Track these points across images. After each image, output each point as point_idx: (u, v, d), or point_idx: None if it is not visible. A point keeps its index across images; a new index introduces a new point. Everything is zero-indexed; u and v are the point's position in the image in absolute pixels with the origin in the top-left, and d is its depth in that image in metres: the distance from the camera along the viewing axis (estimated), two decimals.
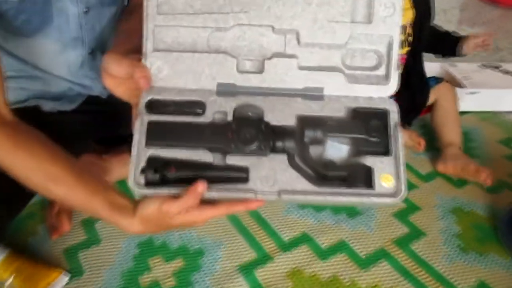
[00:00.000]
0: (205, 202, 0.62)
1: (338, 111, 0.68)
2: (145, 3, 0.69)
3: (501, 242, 1.01)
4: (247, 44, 0.70)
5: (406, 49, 1.21)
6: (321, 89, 0.69)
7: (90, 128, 1.00)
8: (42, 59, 0.87)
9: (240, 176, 0.64)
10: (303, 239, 0.99)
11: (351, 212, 1.07)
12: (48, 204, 1.00)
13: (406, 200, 1.11)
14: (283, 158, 0.65)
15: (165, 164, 0.63)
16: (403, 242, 1.00)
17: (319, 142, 0.66)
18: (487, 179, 1.12)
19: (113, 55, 0.70)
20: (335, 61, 0.70)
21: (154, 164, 0.64)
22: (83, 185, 0.66)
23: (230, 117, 0.67)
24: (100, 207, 0.65)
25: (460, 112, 1.37)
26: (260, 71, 0.69)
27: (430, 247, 1.00)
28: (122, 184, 1.09)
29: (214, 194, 0.62)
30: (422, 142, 1.24)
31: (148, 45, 0.69)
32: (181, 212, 0.62)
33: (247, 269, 0.92)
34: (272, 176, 0.64)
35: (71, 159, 0.69)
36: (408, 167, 1.22)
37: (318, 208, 1.07)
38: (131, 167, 0.63)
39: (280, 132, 0.66)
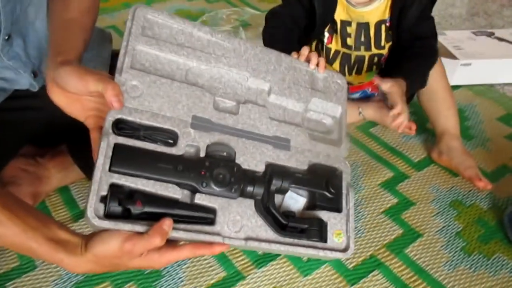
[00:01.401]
0: (166, 243, 0.57)
1: (302, 164, 0.72)
2: (129, 21, 0.67)
3: (509, 240, 0.88)
4: (223, 87, 0.72)
5: (389, 44, 1.04)
6: (288, 140, 0.73)
7: (19, 129, 0.82)
8: None
9: (207, 216, 0.62)
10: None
11: None
12: None
13: (397, 194, 0.97)
14: (251, 203, 0.66)
15: (130, 195, 0.58)
16: (397, 247, 0.86)
17: (283, 191, 0.69)
18: (484, 188, 0.97)
19: (70, 67, 0.60)
20: (298, 120, 0.77)
21: (117, 194, 0.57)
22: (14, 219, 0.56)
23: (202, 153, 0.65)
24: (37, 245, 0.56)
25: (452, 86, 1.22)
26: (235, 113, 0.71)
27: (428, 251, 0.86)
28: (63, 193, 0.92)
29: (180, 234, 0.58)
30: (413, 126, 1.07)
31: (126, 61, 0.64)
32: (143, 254, 0.56)
33: None
34: (239, 221, 0.64)
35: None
36: (398, 153, 1.08)
37: None
38: (91, 194, 0.56)
39: (250, 178, 0.67)
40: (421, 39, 1.00)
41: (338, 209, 0.70)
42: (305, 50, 0.79)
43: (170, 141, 0.64)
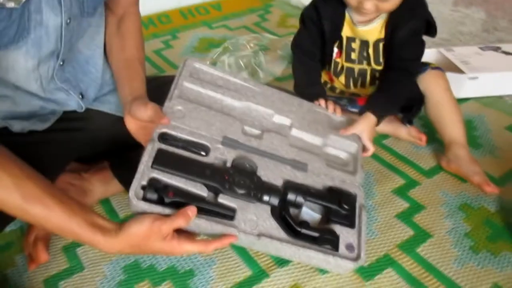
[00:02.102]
0: (186, 235, 0.70)
1: (317, 184, 0.82)
2: (180, 67, 0.88)
3: None
4: (251, 119, 0.87)
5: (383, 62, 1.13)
6: (305, 165, 0.84)
7: (66, 148, 0.93)
8: (12, 75, 0.79)
9: (227, 214, 0.72)
10: None
11: None
12: (26, 231, 0.93)
13: (409, 199, 1.04)
14: (267, 208, 0.75)
15: (164, 187, 0.71)
16: (408, 247, 0.93)
17: (298, 205, 0.78)
18: (491, 192, 1.03)
19: (138, 101, 0.80)
20: (317, 151, 0.89)
21: (155, 184, 0.71)
22: (61, 205, 0.66)
23: (229, 164, 0.78)
24: (79, 227, 0.66)
25: (461, 99, 1.30)
26: (260, 138, 0.85)
27: (438, 250, 0.92)
28: (105, 204, 1.03)
29: (202, 222, 0.69)
30: (424, 138, 1.15)
31: (175, 92, 0.83)
32: (168, 235, 0.67)
33: None
34: (255, 221, 0.73)
35: (47, 179, 0.69)
36: (410, 162, 1.15)
37: None
38: (134, 181, 0.70)
39: (268, 188, 0.77)
40: (400, 60, 1.05)
41: (351, 225, 0.78)
42: (322, 102, 1.00)
43: (203, 153, 0.78)
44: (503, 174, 1.11)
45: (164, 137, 0.77)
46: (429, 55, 1.41)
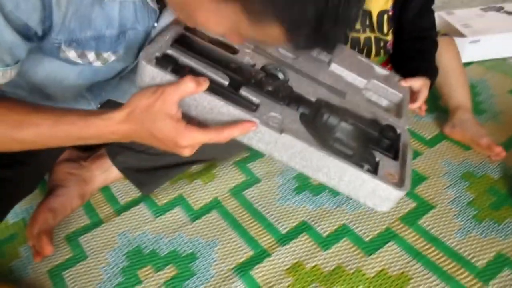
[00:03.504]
0: (194, 125, 0.57)
1: (356, 112, 0.68)
2: None
3: None
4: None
5: (391, 30, 1.08)
6: (344, 93, 0.71)
7: None
8: (53, 87, 0.76)
9: (248, 106, 0.59)
10: (302, 228, 0.92)
11: None
12: (28, 223, 0.94)
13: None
14: (295, 113, 0.62)
15: (180, 65, 0.59)
16: (410, 219, 0.92)
17: (330, 127, 0.64)
18: (498, 155, 1.01)
19: None
20: (359, 86, 0.77)
21: (170, 59, 0.60)
22: (46, 114, 0.59)
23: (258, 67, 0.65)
24: (72, 124, 0.59)
25: (463, 64, 1.26)
26: (295, 58, 0.72)
27: (441, 221, 0.91)
28: (105, 191, 1.03)
29: (217, 103, 0.56)
30: (424, 107, 1.13)
31: None
32: (174, 110, 0.56)
33: (243, 269, 0.85)
34: (280, 119, 0.59)
35: (28, 103, 0.63)
36: (410, 132, 1.12)
37: (316, 192, 0.99)
38: (147, 47, 0.60)
39: (299, 98, 0.64)
40: (422, 31, 1.04)
41: (394, 157, 0.65)
42: None
43: (231, 51, 0.67)
44: (507, 139, 1.08)
45: (190, 29, 0.66)
46: None
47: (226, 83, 0.60)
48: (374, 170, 0.61)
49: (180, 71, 0.59)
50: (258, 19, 0.52)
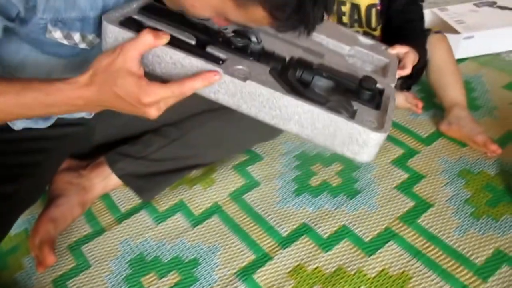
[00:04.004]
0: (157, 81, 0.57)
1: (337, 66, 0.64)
2: None
3: None
4: None
5: (379, 26, 1.09)
6: (322, 55, 0.66)
7: (63, 143, 0.93)
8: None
9: (214, 60, 0.58)
10: (303, 230, 0.93)
11: (350, 192, 0.99)
12: (30, 234, 0.94)
13: (408, 169, 1.04)
14: (265, 67, 0.60)
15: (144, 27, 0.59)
16: (409, 218, 0.93)
17: (305, 83, 0.60)
18: (494, 152, 1.02)
19: None
20: (341, 52, 0.72)
21: (134, 22, 0.60)
22: (16, 80, 0.60)
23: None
24: (42, 84, 0.59)
25: (457, 60, 1.26)
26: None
27: (439, 219, 0.92)
28: (105, 199, 1.03)
29: (178, 55, 0.55)
30: (420, 104, 1.14)
31: None
32: (136, 67, 0.55)
33: (246, 274, 0.86)
34: (246, 71, 0.57)
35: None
36: (407, 130, 1.14)
37: (316, 193, 1.00)
38: (112, 11, 0.59)
39: (270, 55, 0.61)
40: (410, 22, 1.05)
41: (376, 106, 0.62)
42: None
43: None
44: (502, 135, 1.10)
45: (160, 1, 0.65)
46: None
47: (193, 42, 0.59)
48: (348, 114, 0.58)
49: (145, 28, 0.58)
50: (243, 2, 0.55)
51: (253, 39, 0.64)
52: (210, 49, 0.59)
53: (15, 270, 0.91)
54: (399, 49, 0.88)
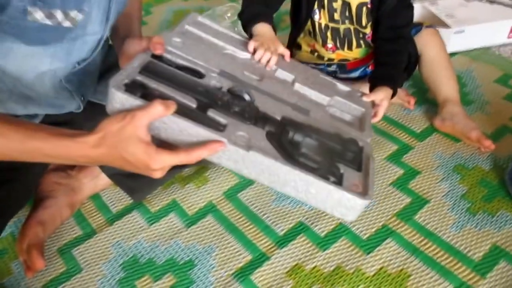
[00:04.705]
0: (164, 147, 0.59)
1: (320, 128, 0.71)
2: (184, 19, 0.84)
3: (511, 196, 0.94)
4: (252, 68, 0.80)
5: (370, 24, 1.07)
6: (307, 111, 0.74)
7: None
8: (28, 78, 0.75)
9: (216, 127, 0.62)
10: (300, 229, 0.91)
11: None
12: (17, 237, 0.91)
13: (403, 165, 1.03)
14: (262, 132, 0.65)
15: (149, 90, 0.62)
16: (406, 215, 0.93)
17: (295, 144, 0.67)
18: (488, 148, 1.02)
19: (133, 38, 0.76)
20: (322, 103, 0.81)
21: (139, 85, 0.63)
22: (16, 127, 0.59)
23: (224, 90, 0.70)
24: (43, 142, 0.58)
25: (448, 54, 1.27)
26: (260, 80, 0.77)
27: (436, 215, 0.92)
28: (96, 200, 1.00)
29: (185, 124, 0.59)
30: (412, 101, 1.13)
31: (176, 29, 0.79)
32: (145, 134, 0.57)
33: (243, 274, 0.84)
34: (247, 138, 0.62)
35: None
36: (401, 126, 1.13)
37: None
38: (116, 76, 0.61)
39: (265, 117, 0.67)
40: (396, 28, 1.03)
41: (358, 168, 0.68)
42: (251, 47, 0.85)
43: (198, 76, 0.71)
44: (495, 130, 1.10)
45: (157, 57, 0.70)
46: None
47: (194, 105, 0.63)
48: (339, 181, 0.63)
49: (149, 96, 0.61)
50: None
51: (246, 97, 0.70)
52: (211, 113, 0.63)
53: (3, 275, 0.88)
54: (373, 97, 0.91)
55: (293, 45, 1.17)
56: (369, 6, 1.05)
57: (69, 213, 0.95)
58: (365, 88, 1.12)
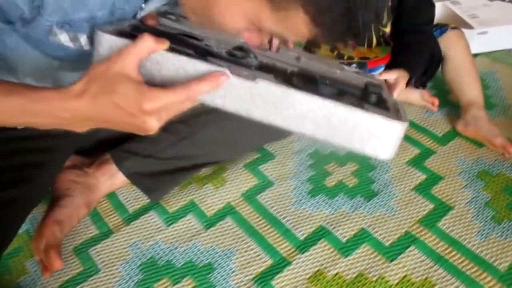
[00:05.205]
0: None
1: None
2: None
3: None
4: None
5: (390, 22, 1.05)
6: (318, 73, 0.64)
7: (65, 139, 0.87)
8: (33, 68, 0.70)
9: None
10: (321, 234, 0.90)
11: (367, 193, 0.97)
12: (34, 236, 0.89)
13: (425, 170, 1.01)
14: (269, 75, 0.55)
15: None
16: (429, 221, 0.91)
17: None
18: None
19: None
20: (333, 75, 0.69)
21: (128, 33, 0.55)
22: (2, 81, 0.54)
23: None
24: (21, 94, 0.52)
25: None
26: (265, 51, 0.67)
27: (460, 223, 0.90)
28: (112, 198, 0.99)
29: (181, 60, 0.51)
30: (436, 102, 1.11)
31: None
32: (134, 70, 0.50)
33: (264, 279, 0.83)
34: (253, 75, 0.53)
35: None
36: (422, 129, 1.11)
37: (332, 194, 0.96)
38: (106, 24, 0.55)
39: (272, 67, 0.60)
40: (418, 25, 1.01)
41: (384, 108, 0.57)
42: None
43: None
44: None
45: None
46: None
47: (191, 52, 0.55)
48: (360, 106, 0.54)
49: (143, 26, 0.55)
50: (282, 6, 0.51)
51: (251, 55, 0.60)
52: (210, 60, 0.55)
53: (19, 275, 0.86)
54: (387, 76, 0.85)
55: (312, 43, 1.15)
56: (389, 4, 1.03)
57: (86, 212, 0.93)
58: None
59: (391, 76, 0.85)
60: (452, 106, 1.15)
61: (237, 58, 0.58)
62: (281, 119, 0.53)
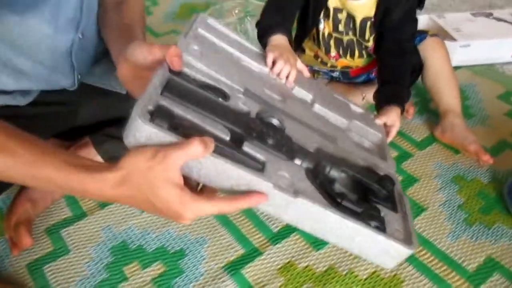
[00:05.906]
0: (202, 194, 0.52)
1: (351, 161, 0.68)
2: (192, 20, 0.72)
3: (508, 210, 0.93)
4: (270, 84, 0.74)
5: (372, 37, 1.06)
6: (335, 138, 0.71)
7: (46, 122, 0.87)
8: (23, 45, 0.71)
9: (255, 166, 0.54)
10: (294, 227, 0.89)
11: None
12: (5, 214, 0.88)
13: (402, 172, 1.02)
14: (301, 169, 0.60)
15: (176, 118, 0.52)
16: None
17: (331, 180, 0.62)
18: (486, 162, 1.01)
19: (139, 41, 0.65)
20: (341, 127, 0.78)
21: (166, 112, 0.52)
22: (29, 146, 0.51)
23: (253, 116, 0.63)
24: (55, 171, 0.49)
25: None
26: (283, 102, 0.71)
27: (432, 224, 0.91)
28: None
29: (224, 165, 0.50)
30: (411, 111, 1.13)
31: (190, 34, 0.68)
32: (178, 178, 0.48)
33: (234, 268, 0.83)
34: (289, 179, 0.55)
35: (12, 126, 0.53)
36: (402, 134, 1.13)
37: None
38: (139, 102, 0.50)
39: (300, 149, 0.62)
40: (400, 42, 1.02)
41: (393, 208, 0.63)
42: (270, 59, 0.78)
43: (222, 97, 0.62)
44: (495, 144, 1.10)
45: (175, 73, 0.60)
46: (420, 22, 1.36)
47: (227, 138, 0.55)
48: (382, 227, 0.58)
49: (178, 127, 0.52)
50: None
51: (275, 122, 0.64)
52: (247, 148, 0.56)
53: None
54: (385, 119, 0.89)
55: (297, 49, 1.16)
56: (373, 20, 1.04)
57: (61, 194, 0.93)
58: (370, 91, 1.11)
59: (388, 119, 0.90)
60: (432, 113, 1.17)
61: (271, 143, 0.59)
62: (309, 228, 0.56)
